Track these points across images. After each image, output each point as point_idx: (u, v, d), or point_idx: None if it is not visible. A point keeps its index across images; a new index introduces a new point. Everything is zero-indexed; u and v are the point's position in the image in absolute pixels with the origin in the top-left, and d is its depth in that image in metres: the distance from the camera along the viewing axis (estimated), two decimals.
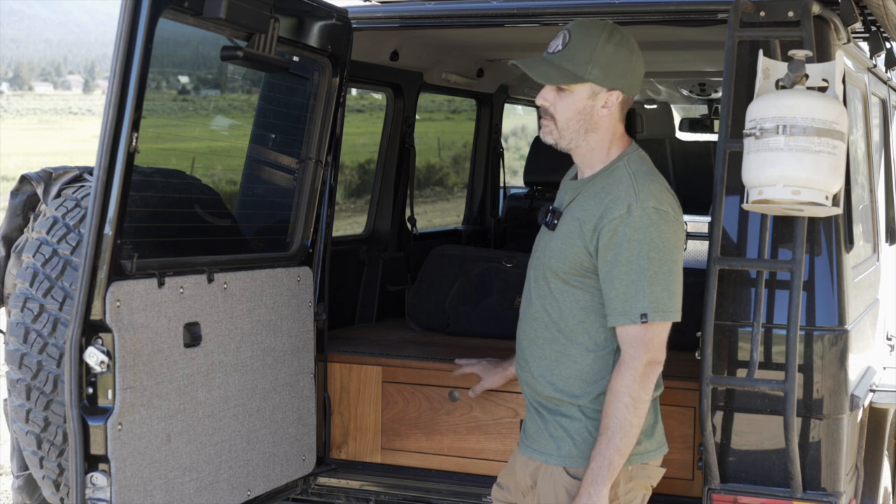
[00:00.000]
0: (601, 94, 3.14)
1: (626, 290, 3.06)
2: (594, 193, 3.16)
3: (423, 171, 6.76)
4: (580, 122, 3.15)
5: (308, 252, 4.18)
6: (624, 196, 3.09)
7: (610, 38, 3.13)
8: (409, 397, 4.25)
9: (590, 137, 3.18)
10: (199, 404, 3.56)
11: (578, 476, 3.15)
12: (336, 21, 4.16)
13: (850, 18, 3.66)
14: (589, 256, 3.12)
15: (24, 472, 3.80)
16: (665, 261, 3.07)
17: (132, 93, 3.16)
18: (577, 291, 3.16)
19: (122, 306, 3.24)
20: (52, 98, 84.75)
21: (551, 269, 3.19)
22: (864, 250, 4.08)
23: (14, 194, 3.81)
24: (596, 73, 3.11)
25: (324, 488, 4.29)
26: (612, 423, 3.05)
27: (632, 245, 3.05)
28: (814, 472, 3.45)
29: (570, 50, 3.13)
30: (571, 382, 3.18)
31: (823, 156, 3.16)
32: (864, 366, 3.89)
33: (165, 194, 3.81)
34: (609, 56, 3.12)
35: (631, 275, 3.05)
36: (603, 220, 3.09)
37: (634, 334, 3.07)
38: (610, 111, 3.16)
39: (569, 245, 3.15)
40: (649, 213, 3.06)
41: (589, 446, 3.15)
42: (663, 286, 3.06)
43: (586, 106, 3.14)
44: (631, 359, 3.07)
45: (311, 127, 4.19)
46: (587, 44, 3.11)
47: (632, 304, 3.05)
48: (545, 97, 3.17)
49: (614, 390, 3.06)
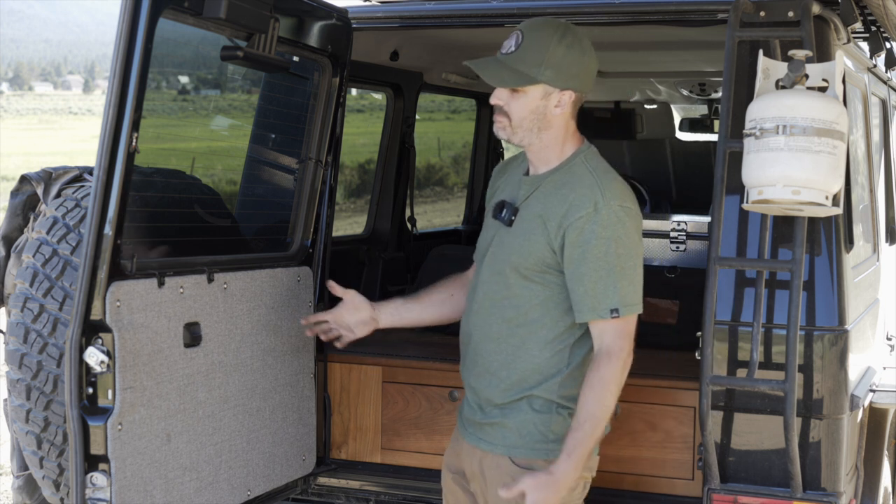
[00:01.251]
0: (554, 95, 3.19)
1: (594, 287, 3.13)
2: (554, 190, 3.22)
3: (423, 171, 6.77)
4: (533, 121, 3.21)
5: (308, 252, 4.18)
6: (590, 194, 3.15)
7: (562, 39, 3.17)
8: (409, 397, 4.25)
9: (543, 135, 3.24)
10: (199, 404, 3.56)
11: (524, 465, 3.22)
12: (336, 21, 4.16)
13: (850, 18, 3.66)
14: (552, 253, 3.18)
15: (24, 472, 3.80)
16: (630, 256, 3.16)
17: (132, 93, 3.16)
18: (538, 287, 3.22)
19: (122, 306, 3.24)
20: (52, 98, 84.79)
21: (511, 265, 3.24)
22: (864, 250, 4.08)
23: (14, 194, 3.81)
24: (549, 74, 3.16)
25: (324, 488, 4.29)
26: (600, 411, 3.12)
27: (600, 242, 3.12)
28: (814, 472, 3.45)
29: (522, 51, 3.17)
30: (528, 375, 3.23)
31: (823, 156, 3.16)
32: (864, 366, 3.89)
33: (165, 194, 3.81)
34: (561, 57, 3.16)
35: (600, 271, 3.12)
36: (569, 218, 3.14)
37: (617, 327, 3.14)
38: (563, 110, 3.21)
39: (531, 242, 3.20)
40: (616, 211, 3.13)
41: (533, 438, 3.22)
42: (629, 280, 3.16)
43: (539, 106, 3.19)
44: (619, 349, 3.14)
45: (311, 127, 4.19)
46: (540, 45, 3.16)
47: (601, 300, 3.13)
48: (499, 97, 3.22)
49: (605, 379, 3.12)
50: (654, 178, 7.83)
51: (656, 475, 3.88)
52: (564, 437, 3.15)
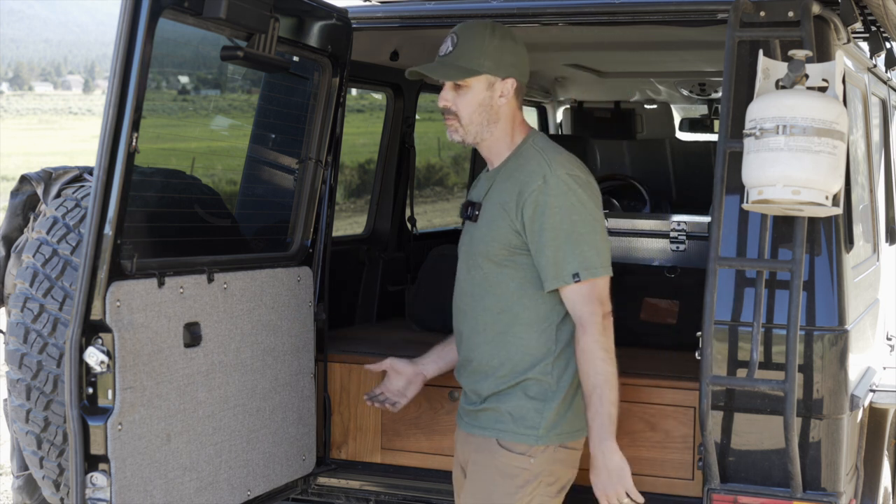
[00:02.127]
0: (497, 84, 3.33)
1: (555, 255, 3.23)
2: (507, 175, 3.34)
3: (423, 171, 6.77)
4: (482, 114, 3.34)
5: (308, 252, 4.18)
6: (537, 169, 3.28)
7: (494, 32, 3.34)
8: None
9: (493, 128, 3.37)
10: (199, 404, 3.56)
11: (511, 448, 3.29)
12: (336, 21, 4.16)
13: (850, 18, 3.66)
14: (517, 234, 3.28)
15: (24, 472, 3.80)
16: (586, 221, 3.25)
17: (132, 93, 3.16)
18: (510, 270, 3.31)
19: (122, 306, 3.24)
20: (52, 98, 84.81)
21: (482, 254, 3.34)
22: (864, 250, 4.08)
23: (14, 194, 3.81)
24: (488, 64, 3.31)
25: (324, 488, 4.29)
26: (597, 379, 3.21)
27: (554, 212, 3.22)
28: (814, 472, 3.45)
29: (460, 49, 3.33)
30: (519, 359, 3.31)
31: (823, 156, 3.16)
32: (864, 366, 3.89)
33: (165, 194, 3.81)
34: (497, 48, 3.32)
35: (557, 240, 3.22)
36: (522, 196, 3.26)
37: (582, 292, 3.23)
38: (507, 99, 3.35)
39: (494, 228, 3.31)
40: (564, 180, 3.25)
41: (525, 424, 3.29)
42: (589, 245, 3.24)
43: (485, 98, 3.33)
44: (591, 314, 3.22)
45: (311, 127, 4.19)
46: (475, 41, 3.32)
47: (562, 266, 3.22)
48: (445, 98, 3.37)
49: (586, 349, 3.21)
50: (654, 178, 7.83)
51: (656, 475, 3.88)
52: (555, 424, 3.27)
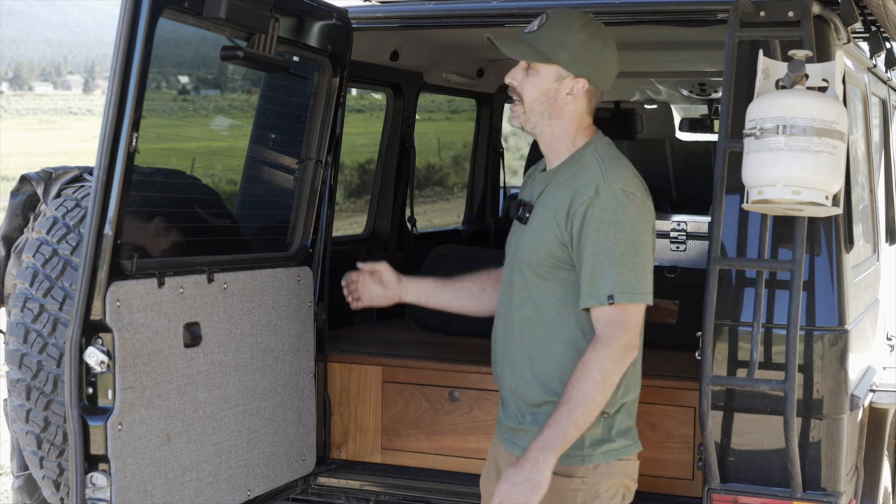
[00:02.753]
0: (567, 80, 3.15)
1: (592, 272, 3.05)
2: (563, 181, 3.17)
3: (423, 171, 6.76)
4: (544, 104, 3.17)
5: (308, 252, 4.18)
6: (592, 178, 3.09)
7: (585, 26, 3.15)
8: (409, 397, 4.25)
9: (553, 123, 3.19)
10: (199, 404, 3.56)
11: (559, 472, 3.10)
12: (336, 21, 4.16)
13: (850, 18, 3.66)
14: (562, 247, 3.12)
15: (24, 472, 3.80)
16: (632, 242, 3.06)
17: (132, 93, 3.16)
18: (552, 285, 3.15)
19: (122, 306, 3.24)
20: (52, 98, 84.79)
21: (526, 263, 3.19)
22: (864, 250, 4.08)
23: (14, 194, 3.81)
24: (565, 56, 3.13)
25: (324, 488, 4.29)
26: (577, 395, 3.00)
27: (599, 226, 3.05)
28: (814, 472, 3.45)
29: (544, 31, 3.15)
30: (552, 376, 3.15)
31: (823, 156, 3.16)
32: (864, 366, 3.89)
33: (165, 194, 3.81)
34: (581, 43, 3.13)
35: (598, 255, 3.04)
36: (573, 206, 3.09)
37: (610, 314, 3.04)
38: (575, 98, 3.17)
39: (541, 237, 3.16)
40: (616, 195, 3.06)
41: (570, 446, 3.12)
42: (630, 267, 3.05)
43: (551, 88, 3.15)
44: (609, 337, 3.03)
45: (311, 127, 4.19)
46: (561, 28, 3.14)
47: (598, 285, 3.04)
48: (514, 76, 3.20)
49: (587, 365, 3.01)
50: (654, 178, 7.78)
51: (656, 475, 3.88)
52: (599, 441, 3.11)
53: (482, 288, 3.57)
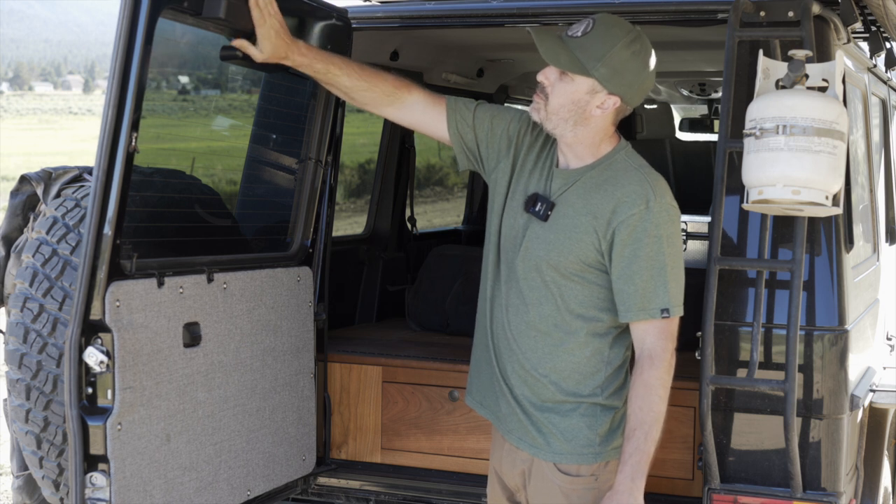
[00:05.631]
0: (600, 94, 3.10)
1: (645, 286, 3.07)
2: (597, 185, 3.13)
3: (423, 171, 6.77)
4: (571, 112, 3.12)
5: (308, 252, 4.17)
6: (640, 190, 3.09)
7: (631, 44, 3.10)
8: (409, 397, 4.25)
9: (578, 130, 3.14)
10: (199, 404, 3.56)
11: (570, 472, 3.15)
12: (336, 21, 4.16)
13: (850, 18, 3.66)
14: (597, 253, 3.11)
15: (24, 472, 3.80)
16: (677, 255, 3.11)
17: (132, 93, 3.16)
18: (576, 286, 3.14)
19: (121, 306, 3.24)
20: (52, 98, 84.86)
21: (549, 263, 3.14)
22: (864, 250, 4.08)
23: (14, 194, 3.81)
24: (603, 72, 3.08)
25: (324, 488, 4.29)
26: (649, 416, 3.05)
27: (652, 241, 3.06)
28: (814, 472, 3.45)
29: (587, 39, 3.09)
30: (568, 375, 3.15)
31: (823, 156, 3.16)
32: (864, 366, 3.89)
33: (165, 194, 3.81)
34: (622, 62, 3.09)
35: (651, 270, 3.06)
36: (619, 216, 3.07)
37: (662, 327, 3.09)
38: (604, 113, 3.13)
39: (574, 241, 3.12)
40: (667, 209, 3.09)
41: (579, 443, 3.15)
42: (677, 281, 3.11)
43: (581, 100, 3.10)
44: (663, 350, 3.08)
45: (311, 127, 4.19)
46: (606, 41, 3.08)
47: (651, 299, 3.07)
48: (546, 75, 3.14)
49: (649, 384, 3.05)
50: None
51: (656, 475, 3.86)
52: (609, 438, 3.15)
53: (371, 86, 3.42)
